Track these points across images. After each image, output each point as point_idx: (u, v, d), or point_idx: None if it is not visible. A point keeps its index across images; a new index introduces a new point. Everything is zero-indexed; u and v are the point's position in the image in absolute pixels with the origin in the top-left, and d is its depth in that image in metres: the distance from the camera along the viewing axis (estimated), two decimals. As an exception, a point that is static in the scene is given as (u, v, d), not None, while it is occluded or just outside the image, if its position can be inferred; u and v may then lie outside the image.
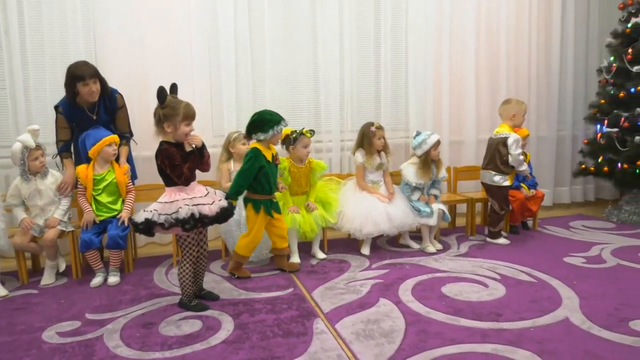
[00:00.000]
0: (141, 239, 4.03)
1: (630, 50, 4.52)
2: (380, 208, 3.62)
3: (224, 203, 2.71)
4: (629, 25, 4.61)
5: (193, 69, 4.11)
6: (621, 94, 4.50)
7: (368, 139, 3.72)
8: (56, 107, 3.35)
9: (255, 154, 3.10)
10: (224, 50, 4.16)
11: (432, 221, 3.73)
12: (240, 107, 4.28)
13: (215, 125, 4.23)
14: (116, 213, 3.30)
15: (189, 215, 2.52)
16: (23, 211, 3.26)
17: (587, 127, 5.26)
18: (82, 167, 3.29)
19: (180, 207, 2.53)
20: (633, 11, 4.66)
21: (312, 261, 3.58)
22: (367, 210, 3.61)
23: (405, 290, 2.94)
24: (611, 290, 2.88)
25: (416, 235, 3.97)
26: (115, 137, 3.32)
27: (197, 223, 2.55)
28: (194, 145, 2.64)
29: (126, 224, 3.22)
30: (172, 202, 2.57)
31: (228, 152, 3.63)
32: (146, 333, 2.45)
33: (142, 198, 3.61)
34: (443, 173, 3.84)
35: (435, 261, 3.50)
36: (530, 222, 4.41)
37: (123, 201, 3.37)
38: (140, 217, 2.55)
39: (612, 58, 4.79)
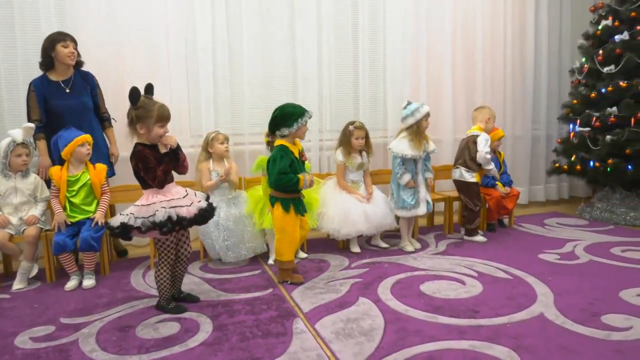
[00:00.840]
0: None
1: (600, 52, 4.63)
2: (359, 209, 3.62)
3: (203, 204, 2.66)
4: (600, 27, 4.72)
5: (170, 68, 4.05)
6: (592, 95, 4.61)
7: (346, 138, 3.71)
8: (30, 84, 3.38)
9: (283, 150, 2.97)
10: (201, 50, 4.11)
11: (421, 210, 3.73)
12: (218, 107, 4.24)
13: (192, 125, 4.19)
14: (91, 215, 3.25)
15: (165, 218, 2.47)
16: None
17: (560, 126, 5.38)
18: (56, 169, 3.23)
19: (157, 210, 2.48)
20: (603, 14, 4.77)
21: None
22: (345, 210, 3.60)
23: (384, 289, 2.95)
24: (584, 285, 2.94)
25: (396, 234, 3.99)
26: (87, 137, 3.26)
27: (174, 226, 2.50)
28: (169, 147, 2.59)
29: (99, 224, 3.17)
30: (149, 204, 2.51)
31: (207, 152, 3.60)
32: (123, 336, 2.41)
33: (120, 199, 3.56)
34: (432, 146, 3.79)
35: (414, 260, 3.52)
36: (506, 220, 4.49)
37: (98, 202, 3.31)
38: (116, 221, 2.50)
39: (583, 59, 4.90)
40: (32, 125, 3.24)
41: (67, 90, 3.39)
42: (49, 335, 2.45)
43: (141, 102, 2.50)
